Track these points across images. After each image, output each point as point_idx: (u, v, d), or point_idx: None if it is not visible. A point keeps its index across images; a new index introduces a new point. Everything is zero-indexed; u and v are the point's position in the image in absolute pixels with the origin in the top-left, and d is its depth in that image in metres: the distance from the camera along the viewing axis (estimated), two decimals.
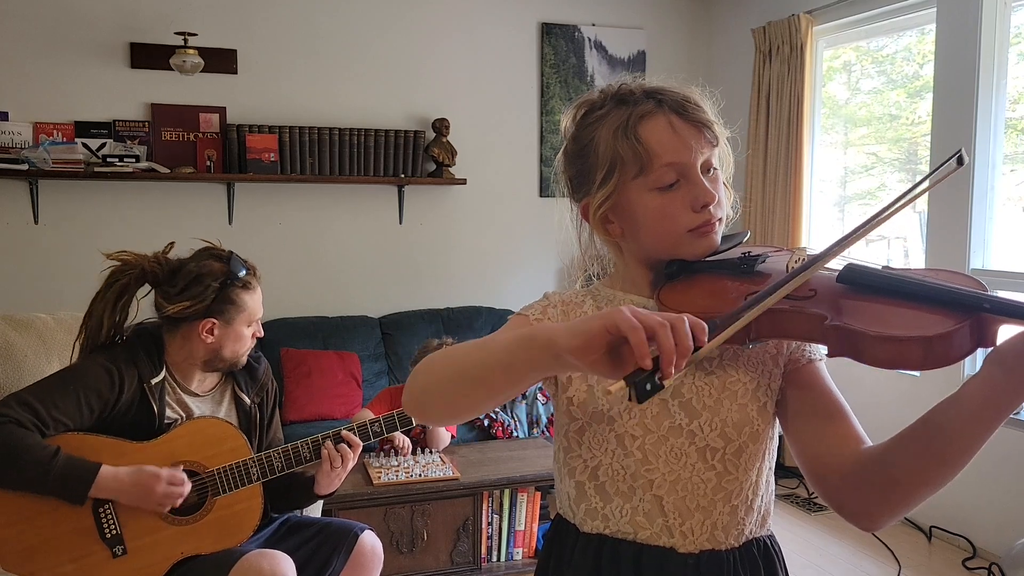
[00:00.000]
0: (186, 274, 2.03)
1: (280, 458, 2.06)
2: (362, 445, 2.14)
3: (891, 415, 2.43)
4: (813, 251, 1.02)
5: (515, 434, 3.91)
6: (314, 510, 2.44)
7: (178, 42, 4.01)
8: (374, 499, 2.92)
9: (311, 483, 2.15)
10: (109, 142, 4.09)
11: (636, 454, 1.03)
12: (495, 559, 3.15)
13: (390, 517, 2.96)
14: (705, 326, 0.82)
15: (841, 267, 0.96)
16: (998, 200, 3.51)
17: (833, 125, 4.54)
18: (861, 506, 0.96)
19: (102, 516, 1.92)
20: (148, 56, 4.12)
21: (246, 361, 2.16)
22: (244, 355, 2.14)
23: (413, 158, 4.48)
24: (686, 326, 0.80)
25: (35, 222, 4.05)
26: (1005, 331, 0.86)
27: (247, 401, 2.16)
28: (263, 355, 2.27)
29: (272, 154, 4.21)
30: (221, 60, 4.23)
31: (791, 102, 4.31)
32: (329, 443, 2.10)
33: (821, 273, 0.96)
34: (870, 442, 0.98)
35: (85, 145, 4.04)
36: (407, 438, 3.14)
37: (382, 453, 3.15)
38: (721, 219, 1.07)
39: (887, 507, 0.94)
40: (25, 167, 3.85)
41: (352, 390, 4.15)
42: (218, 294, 2.02)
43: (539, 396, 4.08)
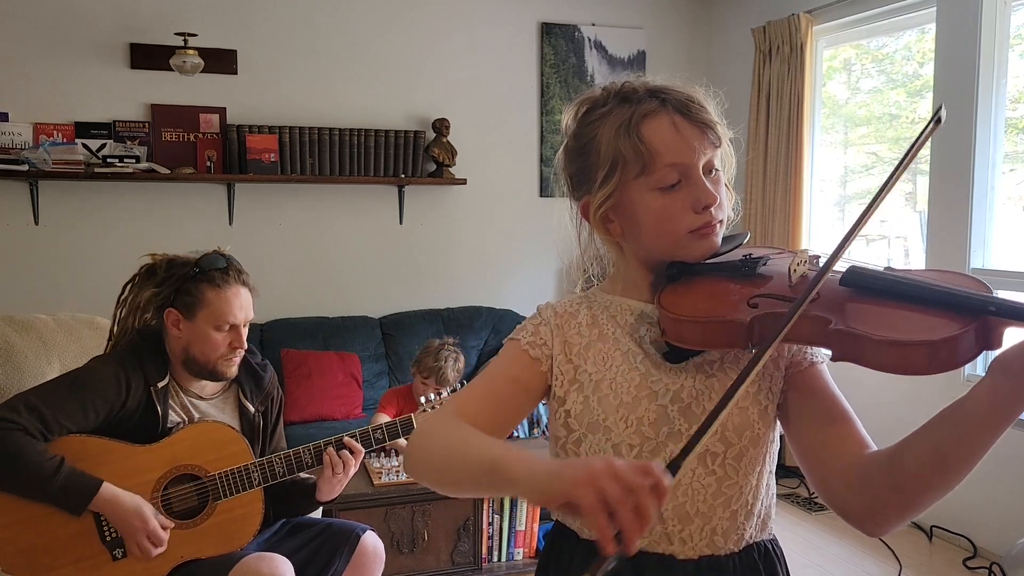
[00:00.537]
0: (170, 266, 2.06)
1: (282, 463, 2.05)
2: (364, 451, 2.13)
3: (891, 415, 2.44)
4: (814, 253, 1.01)
5: (515, 434, 3.91)
6: (315, 511, 2.44)
7: (178, 42, 4.01)
8: (375, 499, 2.92)
9: (312, 489, 2.14)
10: (109, 143, 4.08)
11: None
12: (496, 559, 3.15)
13: (391, 517, 2.96)
14: (665, 484, 0.76)
15: (844, 269, 0.95)
16: (998, 200, 3.51)
17: (833, 125, 4.54)
18: (866, 511, 0.95)
19: (103, 519, 1.92)
20: (148, 56, 4.12)
21: (244, 371, 2.13)
22: (222, 363, 2.04)
23: (413, 158, 4.47)
24: (648, 498, 0.75)
25: (35, 223, 4.04)
26: (1010, 333, 0.85)
27: (251, 409, 2.15)
28: (269, 363, 2.25)
29: (272, 154, 4.20)
30: (221, 60, 4.23)
31: (791, 102, 4.30)
32: (331, 449, 2.08)
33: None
34: (874, 446, 0.97)
35: (85, 146, 4.03)
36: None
37: (383, 454, 3.15)
38: (722, 221, 1.06)
39: (892, 512, 0.92)
40: (25, 168, 3.84)
41: (353, 391, 4.15)
42: (181, 284, 2.02)
43: None
